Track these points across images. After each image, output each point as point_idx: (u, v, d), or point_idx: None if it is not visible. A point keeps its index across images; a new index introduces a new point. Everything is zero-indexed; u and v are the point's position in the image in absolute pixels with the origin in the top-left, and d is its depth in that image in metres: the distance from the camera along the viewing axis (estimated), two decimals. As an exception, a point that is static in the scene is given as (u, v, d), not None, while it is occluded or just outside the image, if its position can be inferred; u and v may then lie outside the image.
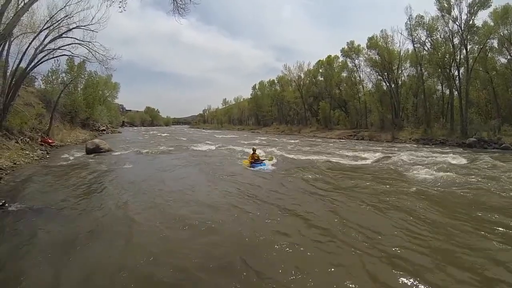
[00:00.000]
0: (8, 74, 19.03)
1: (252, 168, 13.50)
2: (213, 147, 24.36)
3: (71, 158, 16.84)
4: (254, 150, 15.23)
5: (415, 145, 30.16)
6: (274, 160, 15.68)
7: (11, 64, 19.92)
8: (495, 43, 31.61)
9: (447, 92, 37.92)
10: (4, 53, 18.44)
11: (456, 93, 34.44)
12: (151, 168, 14.16)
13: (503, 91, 31.76)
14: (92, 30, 20.49)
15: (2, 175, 11.00)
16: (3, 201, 7.66)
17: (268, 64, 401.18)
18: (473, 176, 11.27)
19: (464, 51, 31.90)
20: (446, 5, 32.22)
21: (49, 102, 28.25)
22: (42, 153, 17.72)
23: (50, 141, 22.20)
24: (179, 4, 15.64)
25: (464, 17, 31.09)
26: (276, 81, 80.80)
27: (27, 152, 16.31)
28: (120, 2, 15.23)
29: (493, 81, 32.05)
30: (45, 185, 10.04)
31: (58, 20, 19.87)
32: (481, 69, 32.57)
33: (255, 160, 14.14)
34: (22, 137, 18.33)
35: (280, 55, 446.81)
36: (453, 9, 31.84)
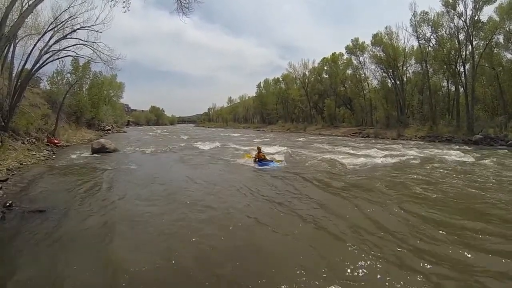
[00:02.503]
0: (13, 75, 19.15)
1: (259, 167, 13.59)
2: (218, 145, 24.45)
3: (77, 158, 16.91)
4: (259, 149, 15.26)
5: (421, 142, 30.06)
6: (282, 162, 15.54)
7: (16, 66, 20.01)
8: (501, 38, 31.36)
9: (453, 88, 37.78)
10: (9, 54, 18.51)
11: (462, 89, 34.22)
12: (157, 167, 14.24)
13: (509, 87, 31.38)
14: (96, 31, 20.55)
15: (9, 176, 11.05)
16: (10, 201, 7.72)
17: (272, 62, 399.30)
18: (481, 174, 11.25)
19: (470, 47, 31.72)
20: (451, 1, 32.03)
21: (55, 102, 28.41)
22: (48, 153, 17.81)
23: (56, 141, 22.30)
24: (183, 4, 15.67)
25: (469, 12, 30.94)
26: (281, 79, 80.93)
27: (34, 153, 16.40)
28: (123, 2, 15.28)
29: (499, 77, 31.72)
30: (51, 185, 10.11)
31: (63, 21, 19.93)
32: (487, 65, 32.29)
33: (262, 159, 14.23)
34: (28, 138, 18.42)
35: (284, 53, 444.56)
36: (458, 4, 31.68)
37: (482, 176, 11.08)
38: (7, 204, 7.52)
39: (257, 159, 14.30)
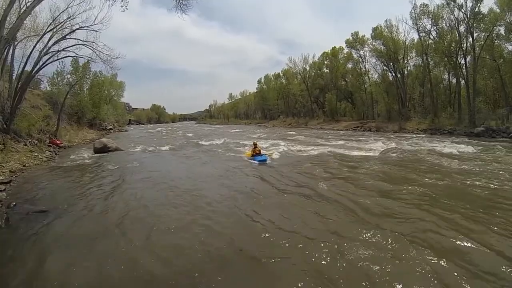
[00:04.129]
0: (13, 77, 19.26)
1: (253, 161, 13.95)
2: (217, 142, 24.48)
3: (80, 158, 17.02)
4: (255, 144, 15.60)
5: (423, 135, 30.06)
6: (276, 155, 15.98)
7: (16, 68, 20.17)
8: (501, 30, 30.98)
9: (454, 81, 37.53)
10: (9, 57, 18.57)
11: (463, 82, 33.98)
12: (159, 165, 14.30)
13: (511, 79, 31.03)
14: (95, 31, 20.49)
15: (12, 178, 11.15)
16: (14, 203, 7.81)
17: (273, 58, 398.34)
18: (483, 165, 11.26)
19: (471, 39, 31.39)
20: (451, -7, 31.74)
21: (56, 103, 28.42)
22: (50, 154, 17.91)
23: (58, 142, 22.40)
24: (181, 1, 15.66)
25: (469, 4, 30.59)
26: (281, 74, 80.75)
27: (36, 154, 16.48)
28: (122, 1, 15.26)
29: (500, 69, 31.33)
30: (54, 186, 10.19)
31: (61, 22, 19.90)
32: (488, 57, 31.90)
33: (256, 154, 14.57)
34: (30, 139, 18.50)
35: (284, 49, 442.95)
36: (458, -4, 31.32)
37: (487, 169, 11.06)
38: (11, 206, 7.62)
39: (253, 154, 14.69)
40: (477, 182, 8.84)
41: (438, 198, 7.39)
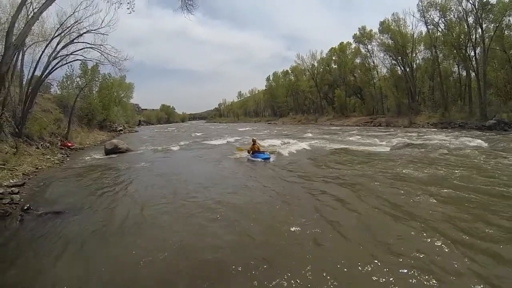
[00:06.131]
0: (24, 83, 19.61)
1: (254, 159, 13.83)
2: (226, 141, 24.54)
3: (91, 159, 17.25)
4: (254, 141, 15.40)
5: (433, 129, 29.82)
6: (275, 153, 15.60)
7: (26, 73, 20.55)
8: (511, 20, 30.44)
9: (464, 73, 37.01)
10: (19, 63, 18.97)
11: (473, 74, 33.48)
12: (169, 165, 14.48)
13: (522, 70, 30.59)
14: (103, 34, 20.68)
15: (25, 180, 11.32)
16: (28, 205, 7.92)
17: (279, 54, 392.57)
18: (494, 159, 11.12)
19: (480, 30, 30.96)
20: (458, -17, 31.25)
21: (66, 106, 28.80)
22: (62, 156, 18.13)
23: (69, 144, 22.62)
24: (187, 0, 15.73)
25: (477, -6, 30.07)
26: (290, 71, 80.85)
27: (48, 157, 16.72)
28: (128, 3, 15.36)
29: (511, 60, 30.79)
30: (67, 188, 10.31)
31: (69, 27, 20.11)
32: (498, 48, 31.31)
33: (256, 151, 14.40)
34: (42, 143, 18.80)
35: (290, 44, 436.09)
36: (466, -14, 30.82)
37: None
38: (25, 208, 7.73)
39: (251, 152, 14.54)
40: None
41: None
